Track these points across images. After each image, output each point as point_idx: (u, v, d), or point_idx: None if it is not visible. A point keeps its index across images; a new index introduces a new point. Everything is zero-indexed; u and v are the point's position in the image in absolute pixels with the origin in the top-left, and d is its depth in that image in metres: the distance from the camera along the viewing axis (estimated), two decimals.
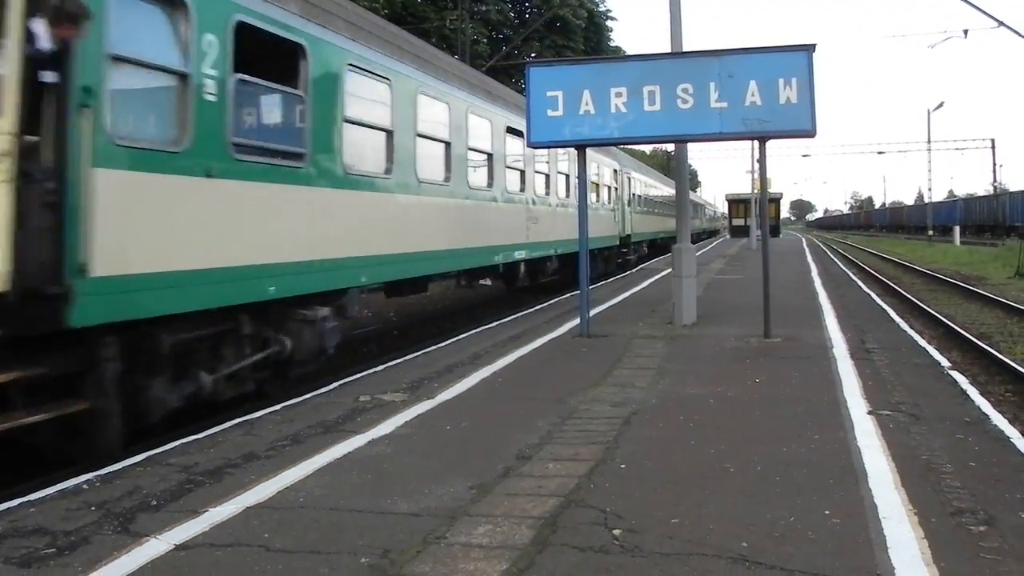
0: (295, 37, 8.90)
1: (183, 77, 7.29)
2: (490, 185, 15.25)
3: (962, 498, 5.09)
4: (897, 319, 14.23)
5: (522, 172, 17.39)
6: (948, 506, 4.95)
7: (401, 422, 7.37)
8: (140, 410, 7.11)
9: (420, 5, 39.92)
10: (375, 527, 4.80)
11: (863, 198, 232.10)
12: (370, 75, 10.60)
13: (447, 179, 13.16)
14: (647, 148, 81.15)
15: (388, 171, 11.06)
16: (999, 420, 7.03)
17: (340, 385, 9.26)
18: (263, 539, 4.67)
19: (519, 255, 16.90)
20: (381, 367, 10.36)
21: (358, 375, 9.87)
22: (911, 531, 4.56)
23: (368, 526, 4.82)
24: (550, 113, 12.04)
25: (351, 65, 10.02)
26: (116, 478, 5.93)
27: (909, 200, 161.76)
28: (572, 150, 15.40)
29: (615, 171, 27.67)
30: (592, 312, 13.42)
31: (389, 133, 11.09)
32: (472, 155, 14.40)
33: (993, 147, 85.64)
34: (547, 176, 19.30)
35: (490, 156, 15.33)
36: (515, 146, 16.55)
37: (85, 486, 5.76)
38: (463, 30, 36.37)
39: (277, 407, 8.18)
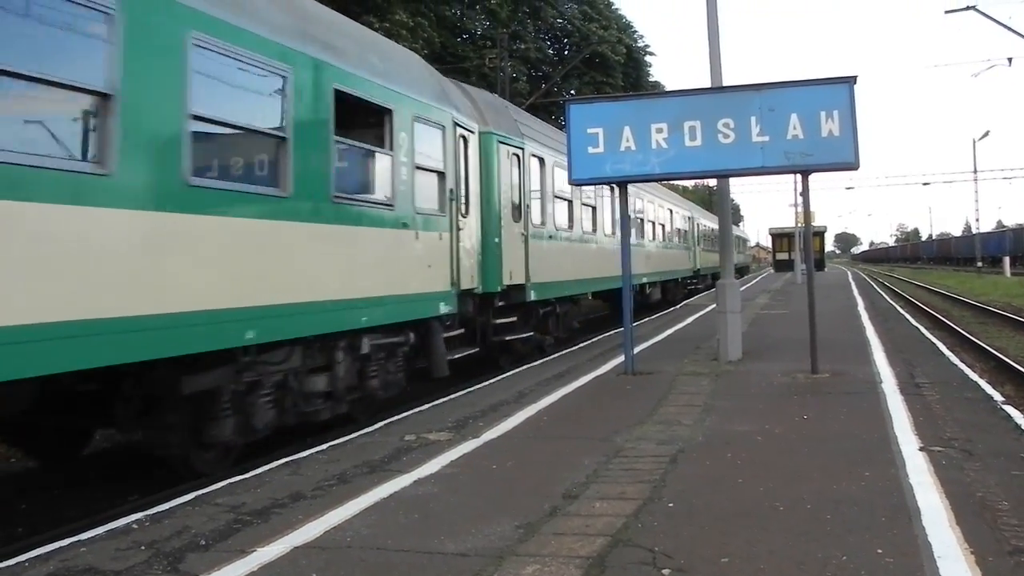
0: None
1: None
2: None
3: (1020, 536, 4.98)
4: (947, 353, 14.03)
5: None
6: (1005, 544, 4.85)
7: (447, 461, 7.37)
8: None
9: (459, 44, 40.35)
10: (423, 567, 4.79)
11: (909, 230, 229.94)
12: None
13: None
14: (688, 183, 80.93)
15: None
16: None
17: (385, 424, 9.29)
18: None
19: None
20: (426, 406, 10.38)
21: (403, 414, 9.90)
22: (968, 571, 4.46)
23: (416, 566, 4.81)
24: (591, 150, 12.07)
25: None
26: (165, 517, 5.98)
27: (956, 231, 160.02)
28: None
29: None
30: (636, 349, 13.37)
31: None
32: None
33: None
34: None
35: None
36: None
37: (135, 525, 5.82)
38: (502, 68, 36.67)
39: (323, 446, 8.21)
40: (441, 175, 11.92)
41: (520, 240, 14.73)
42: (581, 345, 17.09)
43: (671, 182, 39.01)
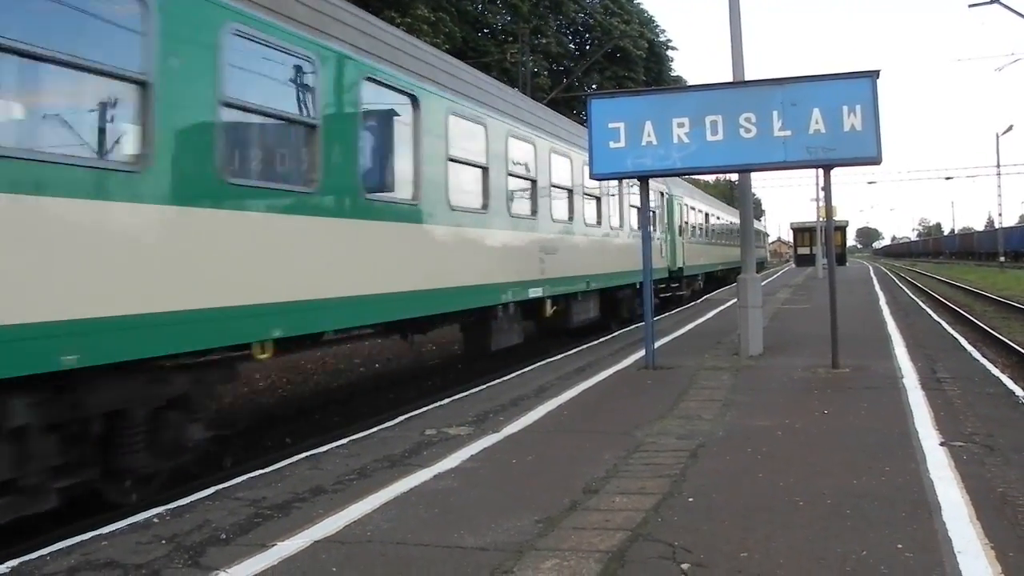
0: None
1: None
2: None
3: None
4: (969, 348, 13.93)
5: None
6: None
7: (467, 456, 7.39)
8: None
9: (480, 39, 40.38)
10: (442, 561, 4.81)
11: (931, 224, 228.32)
12: None
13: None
14: (710, 178, 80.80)
15: None
16: None
17: (406, 419, 9.31)
18: (331, 573, 4.70)
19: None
20: (446, 400, 10.41)
21: (423, 408, 9.92)
22: (988, 566, 4.44)
23: (435, 560, 4.83)
24: (612, 145, 12.05)
25: None
26: (186, 511, 6.02)
27: (979, 226, 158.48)
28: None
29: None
30: (657, 344, 13.35)
31: None
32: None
33: None
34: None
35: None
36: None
37: (155, 519, 5.86)
38: (524, 63, 36.65)
39: (343, 441, 8.25)
40: None
41: None
42: (602, 340, 17.06)
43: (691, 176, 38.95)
